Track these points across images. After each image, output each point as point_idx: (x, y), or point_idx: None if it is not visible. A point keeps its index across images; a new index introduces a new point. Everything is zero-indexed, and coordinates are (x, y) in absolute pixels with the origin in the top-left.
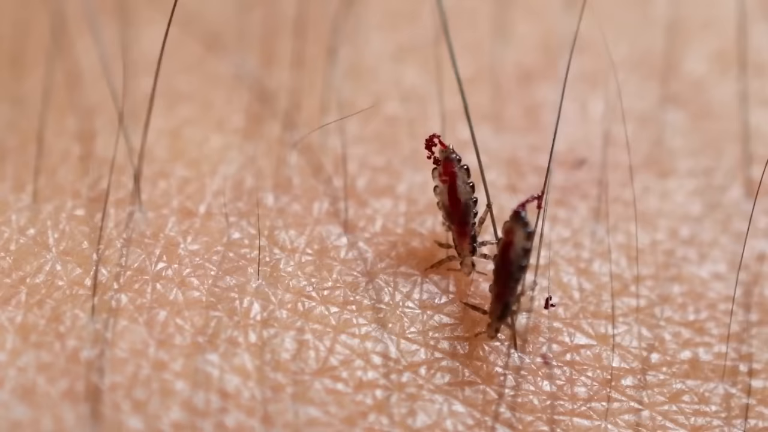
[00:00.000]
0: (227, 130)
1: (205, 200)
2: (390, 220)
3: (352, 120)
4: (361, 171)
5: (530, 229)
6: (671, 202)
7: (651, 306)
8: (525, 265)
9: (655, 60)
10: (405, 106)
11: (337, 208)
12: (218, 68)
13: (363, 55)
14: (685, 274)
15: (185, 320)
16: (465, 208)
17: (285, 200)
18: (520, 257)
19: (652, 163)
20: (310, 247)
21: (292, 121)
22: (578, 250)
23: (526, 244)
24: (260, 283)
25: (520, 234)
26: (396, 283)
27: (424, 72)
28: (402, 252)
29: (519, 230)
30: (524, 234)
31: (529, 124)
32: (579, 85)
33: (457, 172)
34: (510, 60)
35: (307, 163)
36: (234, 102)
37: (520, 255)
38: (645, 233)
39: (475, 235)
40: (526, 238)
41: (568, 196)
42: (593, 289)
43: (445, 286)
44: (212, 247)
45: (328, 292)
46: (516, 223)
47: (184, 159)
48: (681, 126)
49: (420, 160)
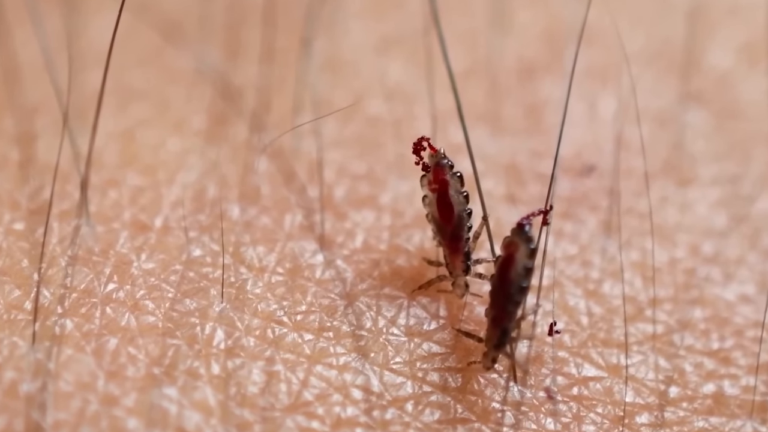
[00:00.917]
0: (187, 132)
1: (162, 212)
2: (372, 235)
3: (329, 121)
4: (339, 179)
5: (534, 246)
6: (692, 214)
7: (669, 333)
8: (526, 287)
9: (674, 52)
10: (390, 104)
11: (311, 222)
12: (177, 62)
13: (341, 47)
14: (709, 297)
15: (139, 349)
16: (458, 220)
17: (252, 212)
18: (521, 277)
19: (671, 169)
20: (281, 265)
21: (260, 122)
22: (586, 269)
23: (528, 262)
24: (224, 306)
25: (522, 250)
26: (379, 307)
27: (411, 66)
28: (386, 271)
29: (521, 246)
30: (527, 250)
31: (531, 126)
32: (587, 81)
33: (448, 180)
34: (509, 52)
35: (277, 169)
36: (195, 100)
37: (521, 275)
38: (662, 250)
39: (469, 251)
40: (528, 255)
41: (575, 207)
42: (604, 314)
43: (434, 311)
44: (170, 265)
45: (302, 317)
46: (518, 238)
47: (137, 165)
48: (704, 127)
49: (407, 167)
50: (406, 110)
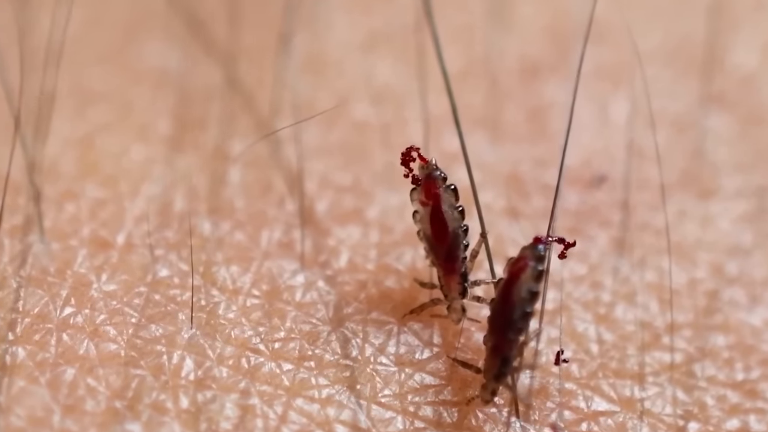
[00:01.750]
0: (152, 138)
1: (125, 228)
2: (358, 254)
3: (311, 126)
4: (321, 191)
5: (542, 267)
6: (714, 229)
7: (689, 362)
8: (530, 312)
9: (694, 50)
10: (377, 108)
11: (291, 238)
12: (141, 60)
13: (324, 44)
14: (733, 322)
15: (99, 380)
16: (453, 238)
17: (225, 228)
18: (525, 302)
19: (690, 180)
20: (258, 287)
21: (234, 127)
22: (597, 291)
23: (534, 285)
24: (194, 333)
25: (529, 271)
26: (366, 334)
27: (401, 65)
28: (374, 294)
29: (529, 266)
30: (534, 272)
31: (535, 132)
32: (597, 82)
33: (441, 193)
34: (510, 50)
35: (253, 180)
36: (160, 103)
37: (525, 299)
38: (681, 270)
39: (465, 272)
40: (535, 278)
41: (584, 222)
42: (616, 341)
43: (427, 338)
44: (133, 287)
45: (280, 344)
46: (529, 254)
47: (97, 175)
48: (726, 133)
49: (396, 177)
50: (396, 114)
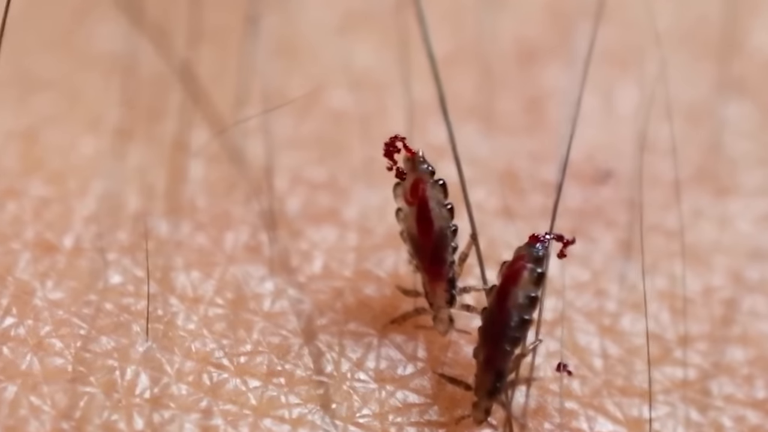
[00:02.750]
0: (103, 130)
1: (72, 230)
2: (334, 258)
3: (281, 115)
4: (293, 188)
5: (542, 270)
6: (733, 231)
7: (704, 379)
8: (528, 320)
9: (710, 31)
10: (356, 95)
11: (259, 241)
12: (91, 44)
13: (296, 26)
14: (753, 334)
15: (43, 398)
16: (439, 239)
17: (185, 229)
18: (522, 308)
19: (706, 176)
20: (221, 295)
21: (194, 118)
22: (601, 299)
23: (533, 290)
24: (150, 346)
25: (527, 274)
26: (342, 347)
27: (382, 49)
28: (351, 303)
29: (527, 268)
30: (532, 275)
31: (532, 122)
32: (602, 67)
33: (428, 189)
34: (504, 32)
35: (216, 176)
36: (113, 91)
37: (523, 305)
38: (696, 276)
39: (453, 278)
40: (534, 281)
41: (587, 222)
42: (622, 355)
43: (411, 351)
44: (82, 295)
45: (247, 359)
46: (526, 253)
47: (42, 172)
48: (747, 124)
49: (377, 173)
50: (377, 103)
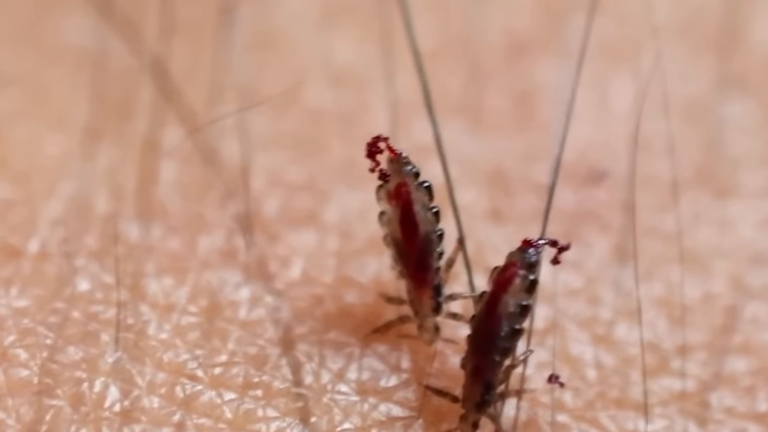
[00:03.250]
0: (70, 128)
1: (38, 233)
2: (314, 263)
3: (258, 113)
4: (270, 189)
5: (535, 276)
6: (734, 235)
7: (703, 390)
8: (520, 330)
9: (710, 24)
10: (336, 92)
11: (234, 246)
12: (56, 37)
13: (273, 18)
14: (755, 344)
15: (8, 412)
16: (425, 244)
17: (157, 233)
18: (513, 317)
19: (706, 177)
20: (195, 303)
21: (166, 116)
22: (595, 307)
23: (524, 297)
24: (119, 356)
25: (518, 281)
26: (323, 357)
27: (364, 42)
28: (332, 310)
29: (519, 275)
30: (525, 282)
31: (522, 120)
32: (596, 62)
33: (412, 191)
34: (494, 24)
35: (189, 177)
36: (80, 87)
37: (514, 313)
38: (695, 282)
39: (439, 285)
40: (526, 289)
41: (581, 226)
42: (617, 366)
43: (395, 362)
44: (48, 303)
45: (222, 370)
46: (518, 262)
47: (6, 172)
48: (748, 121)
49: (358, 174)
50: (358, 100)
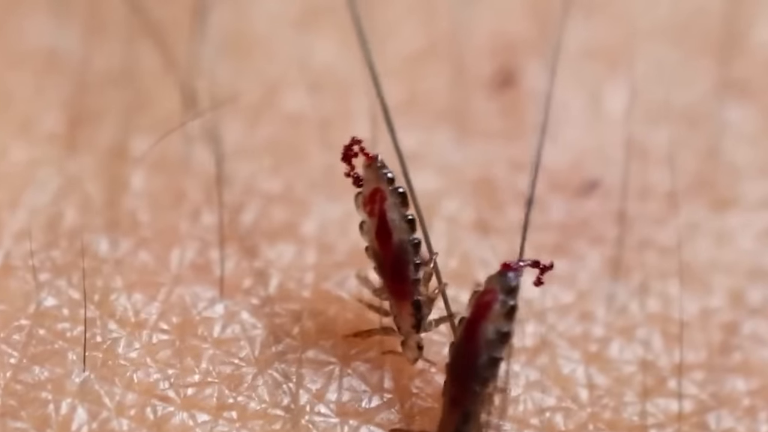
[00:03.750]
0: (36, 135)
1: (1, 246)
2: (291, 277)
3: (233, 119)
4: (246, 199)
5: (515, 302)
6: (733, 248)
7: (702, 411)
8: (499, 358)
9: (709, 26)
10: (315, 97)
11: (207, 259)
12: (22, 39)
13: (248, 19)
14: (755, 362)
15: None
16: (399, 253)
17: (126, 246)
18: (492, 345)
19: (704, 187)
20: (166, 319)
21: (136, 122)
22: (587, 323)
23: (503, 324)
24: (87, 376)
25: (497, 307)
26: (301, 377)
27: (343, 45)
28: (310, 327)
29: (498, 300)
30: (504, 308)
31: (510, 126)
32: (589, 65)
33: (387, 197)
34: (480, 26)
35: (161, 187)
36: (47, 92)
37: (493, 341)
38: (692, 297)
39: (419, 300)
40: (505, 315)
41: (572, 238)
42: (611, 386)
43: (376, 382)
44: (12, 320)
45: (194, 390)
46: (497, 287)
47: None
48: (748, 129)
49: (338, 184)
50: (338, 105)
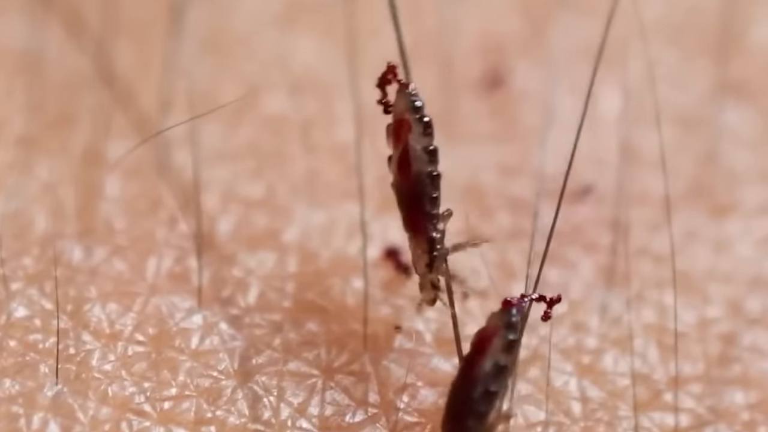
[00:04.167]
0: (5, 138)
1: None
2: (272, 287)
3: (212, 122)
4: (225, 206)
5: (514, 337)
6: (732, 256)
7: (699, 425)
8: (494, 392)
9: (706, 25)
10: (297, 99)
11: (185, 268)
12: None
13: (228, 18)
14: (755, 374)
15: None
16: (417, 184)
17: (101, 254)
18: (488, 378)
19: (701, 192)
20: (142, 331)
21: (111, 125)
22: (579, 334)
23: (501, 357)
24: (60, 389)
25: (498, 340)
26: (282, 390)
27: (327, 45)
28: (292, 339)
29: (499, 334)
30: (503, 341)
31: (501, 129)
32: (582, 66)
33: (412, 125)
34: (469, 25)
35: (136, 193)
36: (17, 93)
37: (489, 373)
38: (689, 307)
39: (433, 238)
40: (504, 348)
41: (564, 245)
42: (604, 399)
43: (361, 395)
44: None
45: (171, 404)
46: (499, 322)
47: None
48: (747, 132)
49: (321, 188)
50: (321, 107)
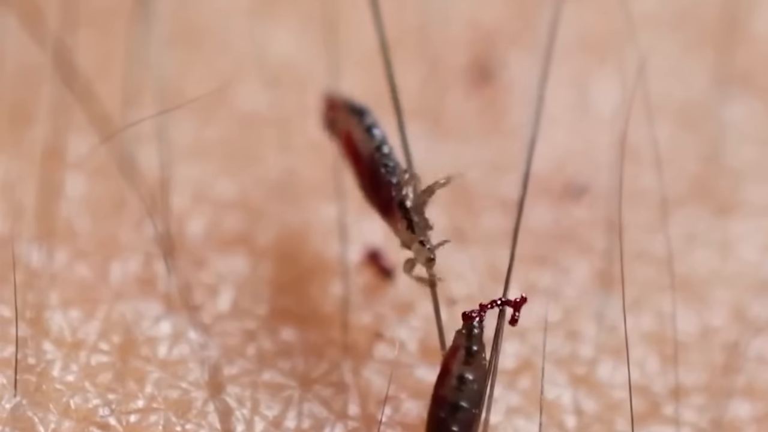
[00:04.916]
0: None
1: None
2: (246, 293)
3: (181, 118)
4: (195, 206)
5: (475, 347)
6: (736, 259)
7: None
8: (463, 407)
9: (707, 14)
10: (273, 93)
11: (152, 273)
12: None
13: (198, 7)
14: (760, 385)
15: None
16: (370, 164)
17: (62, 258)
18: (453, 391)
19: (703, 192)
20: (107, 339)
21: (72, 121)
22: (574, 342)
23: (464, 369)
24: (18, 402)
25: (459, 356)
26: (256, 402)
27: (304, 35)
28: (267, 348)
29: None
30: (463, 355)
31: (489, 125)
32: (576, 58)
33: (353, 126)
34: (456, 14)
35: (100, 193)
36: None
37: (453, 387)
38: (690, 314)
39: (403, 200)
40: (464, 361)
41: (556, 249)
42: (600, 412)
43: (340, 408)
44: None
45: (138, 417)
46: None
47: None
48: (752, 128)
49: (298, 189)
50: (298, 102)
